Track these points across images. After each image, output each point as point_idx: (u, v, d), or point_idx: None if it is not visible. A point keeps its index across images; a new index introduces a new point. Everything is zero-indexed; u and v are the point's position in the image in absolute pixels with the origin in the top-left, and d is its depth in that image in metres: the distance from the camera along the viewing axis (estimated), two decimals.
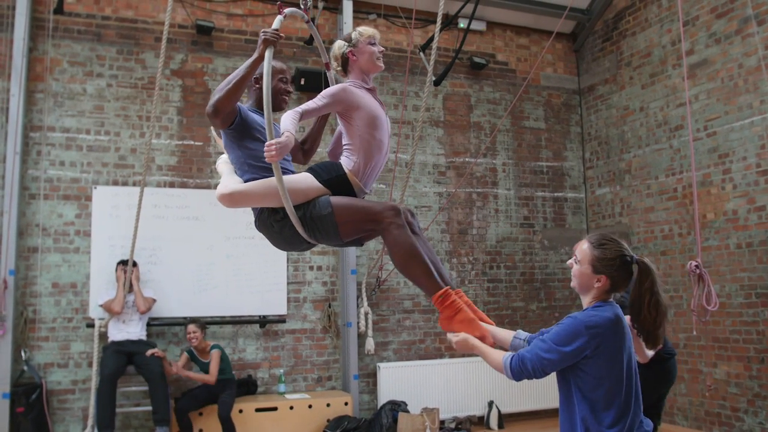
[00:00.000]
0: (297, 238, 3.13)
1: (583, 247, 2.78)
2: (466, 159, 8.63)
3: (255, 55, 2.94)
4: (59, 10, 6.91)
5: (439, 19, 4.86)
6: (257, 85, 3.37)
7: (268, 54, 2.89)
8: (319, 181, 3.08)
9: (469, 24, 7.85)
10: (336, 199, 3.04)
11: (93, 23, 7.27)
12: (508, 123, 8.92)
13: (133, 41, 7.37)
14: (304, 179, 3.08)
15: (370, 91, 3.25)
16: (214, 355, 6.65)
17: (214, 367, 6.62)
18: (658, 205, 8.03)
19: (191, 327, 6.65)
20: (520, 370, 2.65)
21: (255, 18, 7.85)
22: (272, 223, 3.16)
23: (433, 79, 7.43)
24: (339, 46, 3.30)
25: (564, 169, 9.20)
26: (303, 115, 2.96)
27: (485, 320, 2.98)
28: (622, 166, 8.59)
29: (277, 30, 2.98)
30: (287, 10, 3.11)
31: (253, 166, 3.14)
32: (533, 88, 9.13)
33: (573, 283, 2.83)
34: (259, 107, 3.30)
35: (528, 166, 8.98)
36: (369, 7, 8.31)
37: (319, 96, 3.07)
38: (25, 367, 6.63)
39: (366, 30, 3.31)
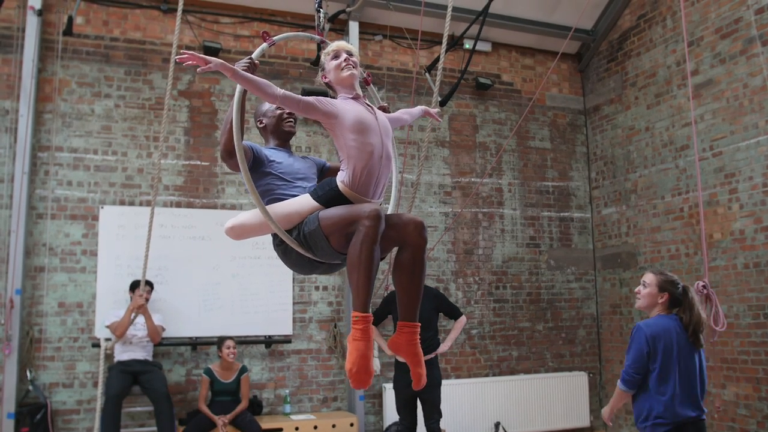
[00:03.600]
0: (304, 259, 3.13)
1: (650, 275, 4.25)
2: (472, 179, 8.65)
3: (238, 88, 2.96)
4: (68, 31, 6.98)
5: (444, 40, 4.88)
6: (262, 125, 3.48)
7: (237, 95, 2.95)
8: (314, 199, 3.07)
9: (475, 45, 7.89)
10: (323, 212, 3.00)
11: (101, 44, 7.34)
12: (514, 143, 8.94)
13: (140, 62, 7.43)
14: (299, 200, 3.10)
15: (355, 98, 3.18)
16: (245, 380, 6.85)
17: (246, 390, 6.83)
18: (664, 224, 8.01)
19: (230, 342, 6.76)
20: None
21: (262, 40, 7.90)
22: (276, 248, 3.21)
23: (439, 99, 7.46)
24: (319, 75, 3.31)
25: (570, 189, 9.20)
26: (283, 96, 2.86)
27: (418, 368, 3.07)
28: (628, 186, 8.59)
29: (251, 59, 3.04)
30: (277, 37, 3.22)
31: (264, 200, 3.19)
32: (539, 108, 9.16)
33: (640, 304, 4.29)
34: (277, 145, 3.44)
35: (534, 186, 8.99)
36: (375, 29, 8.37)
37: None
38: (31, 387, 6.62)
39: (329, 47, 3.30)
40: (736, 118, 7.15)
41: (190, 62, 2.76)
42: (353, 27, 8.07)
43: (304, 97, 2.95)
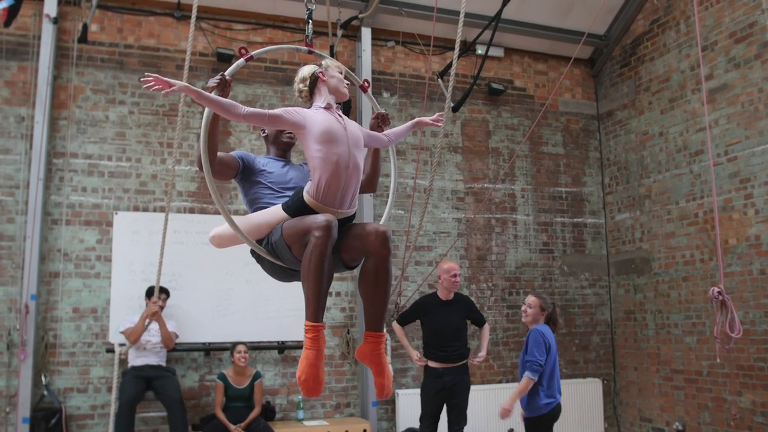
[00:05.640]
0: (276, 267, 3.22)
1: (533, 298, 5.57)
2: (485, 185, 8.63)
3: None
4: (83, 39, 7.03)
5: (457, 46, 4.88)
6: (264, 134, 3.59)
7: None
8: (284, 210, 3.12)
9: (487, 50, 7.88)
10: (286, 222, 3.06)
11: (116, 51, 7.40)
12: (527, 148, 8.91)
13: (154, 69, 7.46)
14: (270, 211, 3.18)
15: (327, 108, 3.21)
16: (259, 386, 6.85)
17: (259, 396, 6.83)
18: (679, 230, 7.96)
19: (242, 347, 6.78)
20: None
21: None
22: (252, 254, 3.31)
23: (452, 105, 7.47)
24: (309, 68, 3.34)
25: (583, 194, 9.16)
26: (247, 114, 2.92)
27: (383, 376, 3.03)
28: (642, 192, 8.54)
29: (223, 75, 3.10)
30: (256, 52, 3.33)
31: (251, 208, 3.34)
32: (551, 113, 9.14)
33: (527, 320, 5.57)
34: (276, 154, 3.53)
35: (547, 191, 8.96)
36: (387, 35, 8.39)
37: None
38: (45, 392, 6.65)
39: (335, 61, 3.42)
40: (751, 123, 7.10)
41: (157, 87, 2.82)
42: (366, 33, 8.09)
43: (270, 111, 3.00)
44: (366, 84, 3.67)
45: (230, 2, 7.74)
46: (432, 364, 6.21)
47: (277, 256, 3.13)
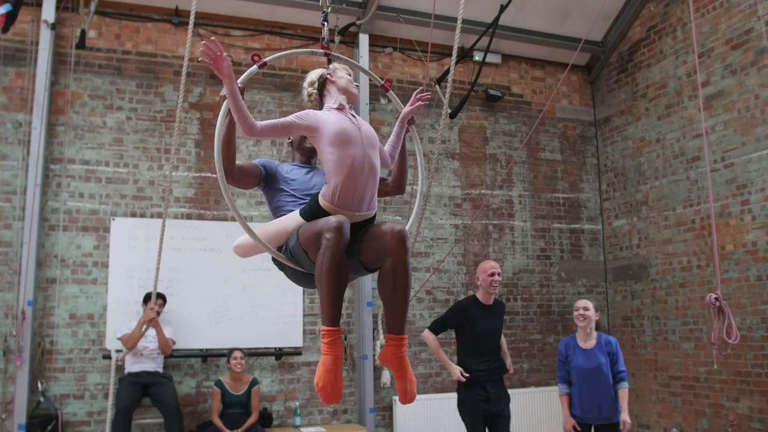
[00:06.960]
0: (298, 272, 3.20)
1: (588, 302, 5.71)
2: (482, 191, 8.63)
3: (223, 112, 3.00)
4: (81, 44, 7.04)
5: (454, 53, 4.89)
6: (289, 141, 3.59)
7: (224, 107, 3.06)
8: (301, 215, 3.10)
9: (485, 57, 7.90)
10: (302, 227, 3.02)
11: (114, 57, 7.40)
12: (524, 155, 8.92)
13: (152, 75, 7.48)
14: (288, 218, 3.16)
15: (339, 109, 3.18)
16: (256, 392, 6.84)
17: (256, 403, 6.81)
18: (676, 236, 7.97)
19: (238, 353, 6.77)
20: None
21: (272, 52, 7.94)
22: (273, 262, 3.29)
23: (449, 111, 7.49)
24: (317, 71, 3.34)
25: (580, 200, 9.17)
26: (260, 129, 2.93)
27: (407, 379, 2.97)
28: (639, 198, 8.55)
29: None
30: (270, 58, 3.30)
31: (275, 216, 3.33)
32: (549, 119, 9.15)
33: (586, 324, 5.65)
34: (301, 161, 3.53)
35: (544, 197, 8.96)
36: (385, 41, 8.40)
37: None
38: (42, 398, 6.63)
39: (343, 64, 3.42)
40: (748, 129, 7.12)
41: (209, 60, 2.79)
42: (363, 39, 8.10)
43: (282, 120, 2.98)
44: (388, 84, 3.58)
45: (228, 8, 7.75)
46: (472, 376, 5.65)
47: (297, 262, 3.08)
